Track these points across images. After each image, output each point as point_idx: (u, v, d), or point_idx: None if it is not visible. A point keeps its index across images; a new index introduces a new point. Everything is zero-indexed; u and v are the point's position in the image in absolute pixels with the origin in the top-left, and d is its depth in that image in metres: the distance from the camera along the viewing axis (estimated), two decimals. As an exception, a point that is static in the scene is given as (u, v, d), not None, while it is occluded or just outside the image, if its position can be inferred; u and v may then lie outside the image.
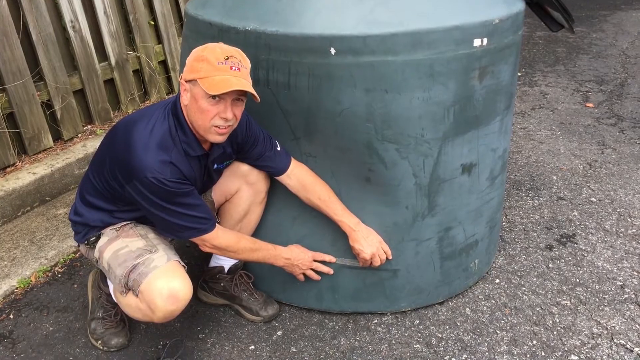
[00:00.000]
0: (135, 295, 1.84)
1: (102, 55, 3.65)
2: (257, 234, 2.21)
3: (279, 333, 2.19)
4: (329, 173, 2.01)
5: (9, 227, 2.89)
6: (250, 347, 2.13)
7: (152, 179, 1.72)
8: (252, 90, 1.70)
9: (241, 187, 2.09)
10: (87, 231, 1.98)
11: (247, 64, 1.74)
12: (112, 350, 2.11)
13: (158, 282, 1.80)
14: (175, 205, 1.78)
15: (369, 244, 2.04)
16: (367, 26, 1.76)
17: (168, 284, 1.80)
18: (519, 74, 4.83)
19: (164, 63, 4.14)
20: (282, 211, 2.14)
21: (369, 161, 1.94)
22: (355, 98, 1.83)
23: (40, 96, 3.26)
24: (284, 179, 2.03)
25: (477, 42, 1.85)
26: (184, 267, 1.90)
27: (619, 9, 6.81)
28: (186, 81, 1.74)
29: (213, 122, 1.73)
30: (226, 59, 1.68)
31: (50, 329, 2.25)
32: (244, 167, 2.06)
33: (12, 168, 3.13)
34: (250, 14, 1.87)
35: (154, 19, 4.02)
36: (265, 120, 1.98)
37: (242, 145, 1.98)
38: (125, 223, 1.96)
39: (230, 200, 2.13)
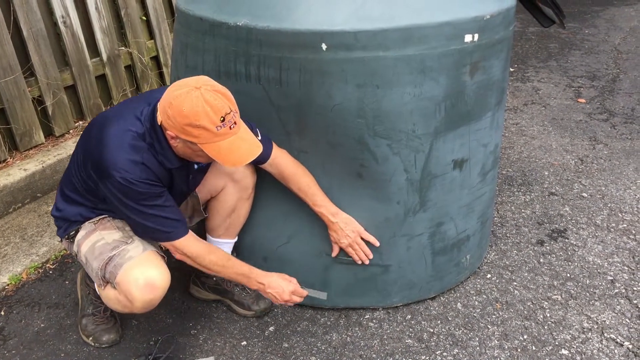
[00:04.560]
0: (114, 287, 1.84)
1: (94, 50, 3.63)
2: (248, 229, 2.21)
3: (271, 329, 2.19)
4: (321, 168, 2.01)
5: (0, 223, 2.88)
6: (243, 343, 2.13)
7: (120, 179, 1.70)
8: (258, 152, 1.73)
9: (227, 184, 2.07)
10: (67, 226, 1.98)
11: (234, 105, 1.69)
12: (103, 346, 2.11)
13: (133, 272, 1.80)
14: (145, 206, 1.77)
15: (346, 234, 2.05)
16: (358, 21, 1.76)
17: (143, 273, 1.80)
18: (512, 69, 4.84)
19: (156, 58, 4.12)
20: (273, 206, 2.14)
21: (361, 156, 1.95)
22: (347, 93, 1.83)
23: (32, 92, 3.24)
24: (265, 167, 2.02)
25: (468, 38, 1.85)
26: (163, 257, 1.90)
27: (611, 5, 6.83)
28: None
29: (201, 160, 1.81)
30: (222, 120, 1.64)
31: (42, 325, 2.24)
32: None
33: (3, 164, 3.11)
34: (242, 9, 1.87)
35: (146, 14, 4.00)
36: (257, 116, 1.97)
37: None
38: (104, 216, 1.95)
39: (216, 198, 2.12)
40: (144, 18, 4.00)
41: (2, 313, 2.32)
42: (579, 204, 2.92)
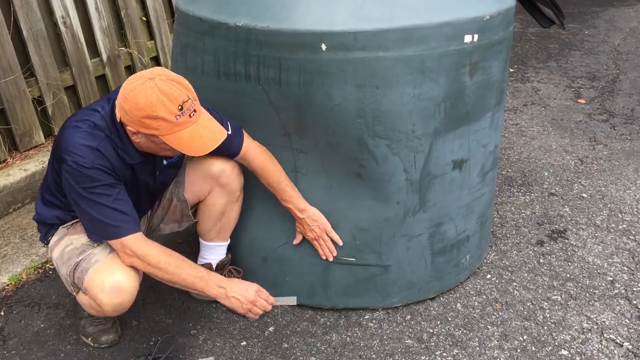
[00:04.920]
0: (84, 292, 1.83)
1: (94, 51, 3.63)
2: (248, 229, 2.21)
3: (271, 329, 2.19)
4: (320, 168, 2.01)
5: (0, 223, 2.88)
6: (242, 343, 2.13)
7: (71, 162, 1.68)
8: (221, 138, 1.72)
9: (213, 188, 2.06)
10: (47, 231, 1.97)
11: (192, 93, 1.68)
12: (103, 346, 2.11)
13: (99, 277, 1.78)
14: (95, 195, 1.71)
15: (311, 229, 2.05)
16: (358, 22, 1.76)
17: (109, 277, 1.77)
18: (512, 70, 4.84)
19: (156, 59, 4.13)
20: (273, 206, 2.13)
21: (360, 157, 1.95)
22: (347, 94, 1.83)
23: (32, 92, 3.24)
24: (236, 159, 2.02)
25: (467, 38, 1.85)
26: None
27: (611, 6, 6.83)
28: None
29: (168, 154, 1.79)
30: (180, 109, 1.63)
31: (42, 325, 2.24)
32: (215, 169, 2.02)
33: (3, 164, 3.12)
34: (241, 10, 1.87)
35: (146, 14, 4.00)
36: (256, 116, 1.98)
37: None
38: (77, 220, 1.93)
39: (204, 202, 2.11)
40: (144, 18, 4.00)
41: (2, 313, 2.32)
42: (578, 204, 2.92)
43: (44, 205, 1.95)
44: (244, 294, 1.83)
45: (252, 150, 1.98)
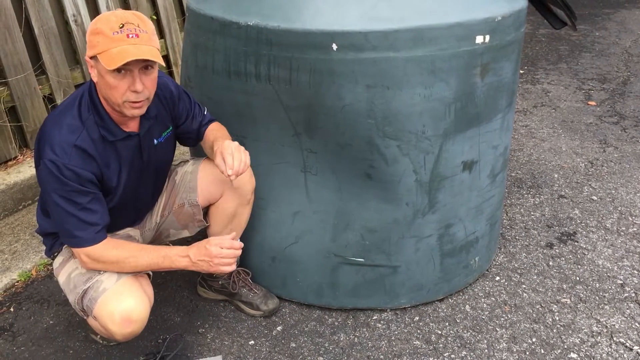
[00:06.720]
0: (94, 319, 1.81)
1: (104, 49, 3.64)
2: (257, 229, 2.21)
3: (279, 328, 2.19)
4: (330, 169, 2.01)
5: (10, 220, 2.89)
6: (250, 342, 2.13)
7: (47, 162, 1.64)
8: (151, 57, 1.59)
9: (225, 192, 2.05)
10: (52, 244, 1.94)
11: (147, 27, 1.62)
12: (111, 344, 2.11)
13: (108, 307, 1.73)
14: (62, 199, 1.68)
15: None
16: (369, 22, 1.76)
17: (118, 306, 1.73)
18: (522, 71, 4.82)
19: (166, 58, 4.13)
20: (282, 207, 2.14)
21: (370, 157, 1.94)
22: (357, 94, 1.83)
23: (42, 90, 3.26)
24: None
25: (479, 39, 1.84)
26: (149, 275, 1.88)
27: (623, 7, 6.79)
28: (90, 58, 1.63)
29: (125, 97, 1.64)
30: (121, 27, 1.58)
31: (51, 322, 2.25)
32: None
33: (14, 161, 3.13)
34: (252, 9, 1.87)
35: (156, 13, 4.01)
36: (266, 116, 1.98)
37: (175, 104, 1.93)
38: None
39: (215, 205, 2.10)
40: (154, 17, 4.01)
41: (12, 309, 2.33)
42: (588, 207, 2.90)
43: (44, 216, 1.91)
44: (206, 253, 1.78)
45: (208, 133, 2.02)
